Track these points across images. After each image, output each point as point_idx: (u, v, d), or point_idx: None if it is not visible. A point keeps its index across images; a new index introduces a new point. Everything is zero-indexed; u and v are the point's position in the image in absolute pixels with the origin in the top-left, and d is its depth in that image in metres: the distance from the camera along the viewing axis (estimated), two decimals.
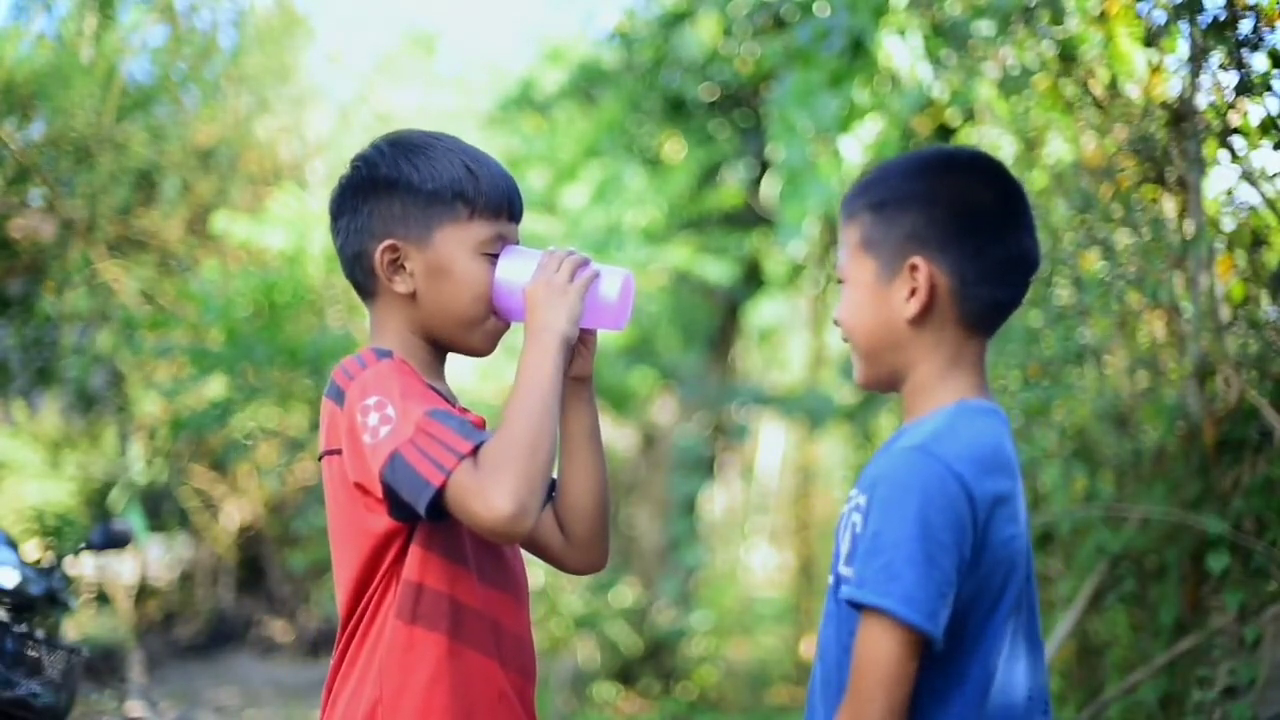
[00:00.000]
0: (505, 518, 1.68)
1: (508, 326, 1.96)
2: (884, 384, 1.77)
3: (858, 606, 1.60)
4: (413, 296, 1.90)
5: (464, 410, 1.94)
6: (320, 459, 1.88)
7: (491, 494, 1.69)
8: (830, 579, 1.71)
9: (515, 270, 1.90)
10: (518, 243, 1.96)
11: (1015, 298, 1.74)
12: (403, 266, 1.89)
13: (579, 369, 1.98)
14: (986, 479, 1.62)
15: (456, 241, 1.89)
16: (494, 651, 1.86)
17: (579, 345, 1.96)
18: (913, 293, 1.69)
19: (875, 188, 1.75)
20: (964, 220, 1.70)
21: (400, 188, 1.89)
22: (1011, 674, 1.66)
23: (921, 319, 1.70)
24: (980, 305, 1.71)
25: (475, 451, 1.72)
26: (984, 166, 1.78)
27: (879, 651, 1.56)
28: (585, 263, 1.89)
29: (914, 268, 1.69)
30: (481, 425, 1.87)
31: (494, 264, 1.90)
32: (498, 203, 1.91)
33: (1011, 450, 1.70)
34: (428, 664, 1.81)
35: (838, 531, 1.70)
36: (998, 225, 1.72)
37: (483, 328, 1.92)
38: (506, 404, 1.79)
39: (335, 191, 1.96)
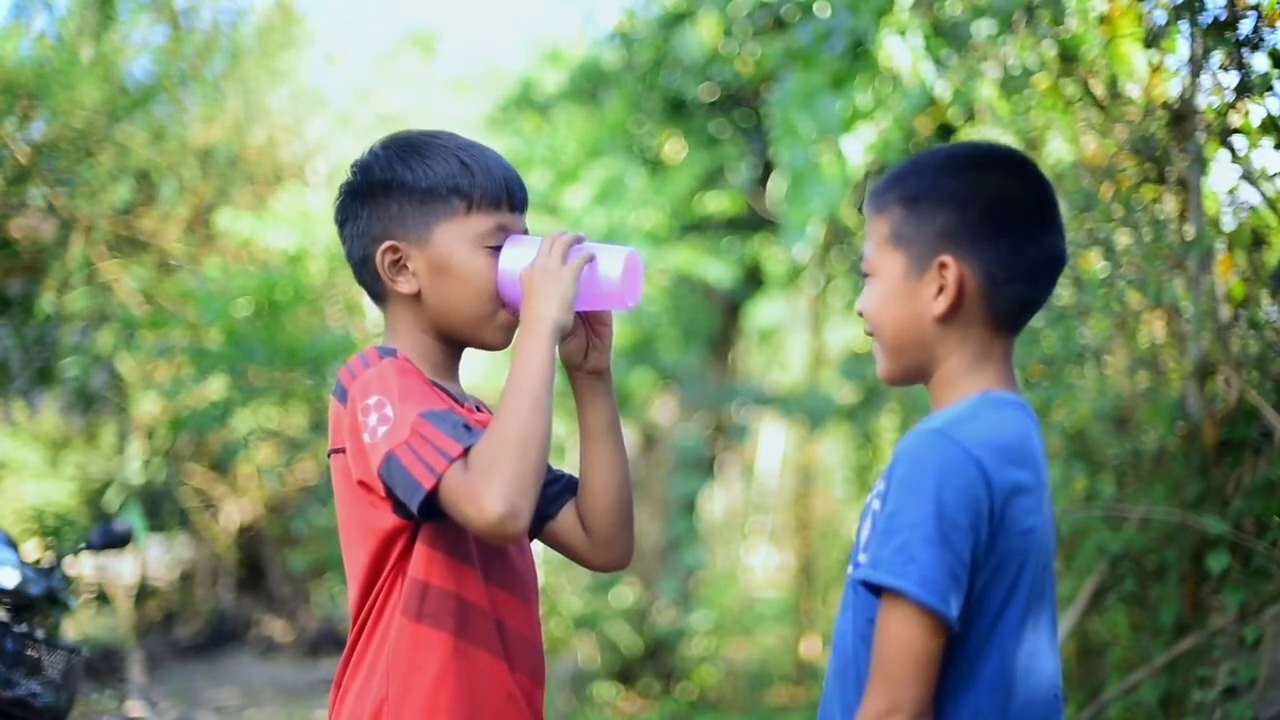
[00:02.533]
0: (495, 520, 1.68)
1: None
2: (909, 378, 1.76)
3: (873, 588, 1.60)
4: (418, 296, 1.90)
5: (475, 409, 1.94)
6: (329, 456, 1.89)
7: (481, 497, 1.69)
8: (849, 569, 1.70)
9: (516, 259, 1.88)
10: (525, 232, 1.95)
11: (1043, 296, 1.74)
12: (405, 267, 1.89)
13: (595, 362, 1.96)
14: (1006, 467, 1.61)
15: (456, 237, 1.88)
16: (501, 652, 1.86)
17: (593, 337, 1.95)
18: (941, 290, 1.68)
19: (908, 182, 1.73)
20: (999, 219, 1.69)
21: (396, 189, 1.89)
22: (1036, 670, 1.66)
23: (949, 316, 1.69)
24: (1009, 304, 1.70)
25: (466, 453, 1.72)
26: (1018, 164, 1.76)
27: (901, 635, 1.56)
28: (579, 240, 1.87)
29: (943, 266, 1.68)
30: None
31: (498, 256, 1.89)
32: (495, 194, 1.90)
33: (1037, 444, 1.69)
34: (434, 663, 1.81)
35: (860, 521, 1.70)
36: (1032, 224, 1.71)
37: (493, 322, 1.91)
38: (504, 395, 1.78)
39: (337, 199, 1.97)
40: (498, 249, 1.89)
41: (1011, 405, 1.69)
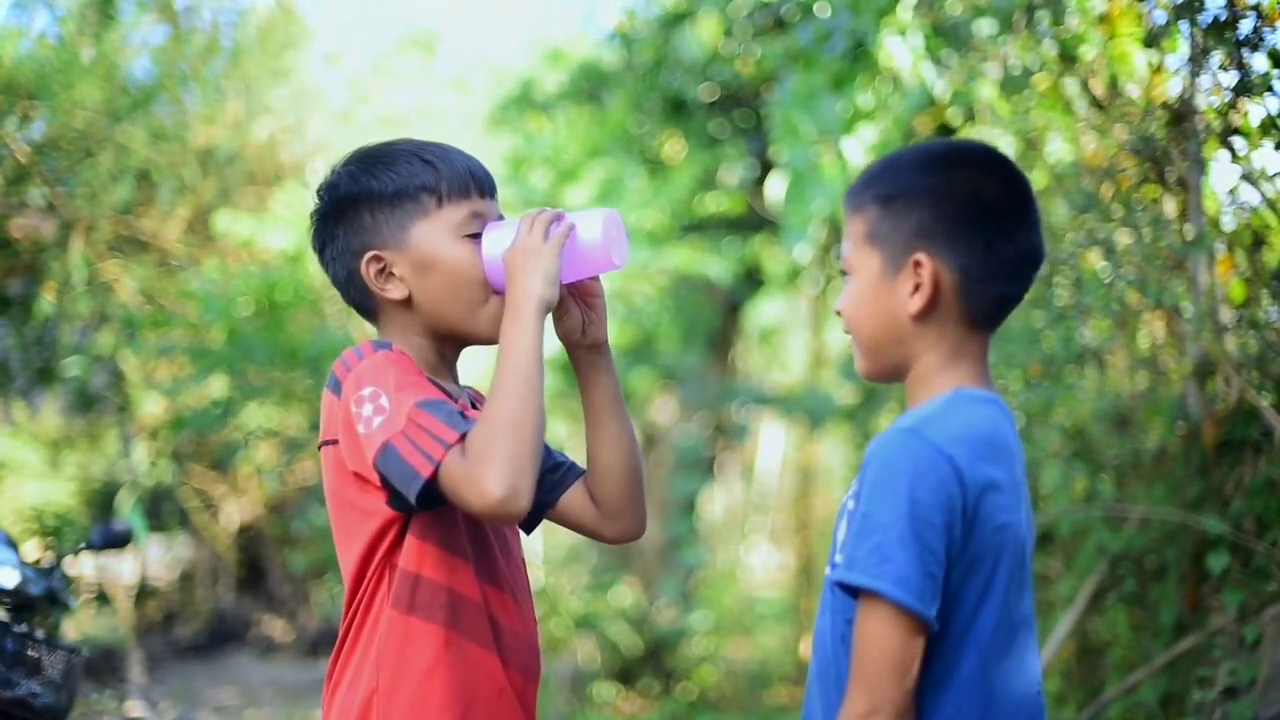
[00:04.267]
0: (496, 501, 1.69)
1: None
2: (886, 376, 1.76)
3: (849, 589, 1.60)
4: (409, 301, 1.90)
5: (470, 405, 1.94)
6: (320, 449, 1.89)
7: (481, 480, 1.69)
8: (828, 570, 1.70)
9: (498, 242, 1.88)
10: (500, 218, 1.95)
11: (1020, 293, 1.73)
12: (391, 273, 1.89)
13: (593, 335, 1.97)
14: (979, 464, 1.61)
15: (432, 231, 1.88)
16: (494, 646, 1.86)
17: (587, 311, 1.96)
18: (916, 288, 1.68)
19: (883, 180, 1.74)
20: (974, 217, 1.69)
21: (365, 199, 1.89)
22: (1016, 667, 1.66)
23: (925, 314, 1.69)
24: (985, 301, 1.70)
25: (463, 439, 1.73)
26: (993, 162, 1.76)
27: (880, 635, 1.56)
28: (559, 217, 1.87)
29: (918, 264, 1.68)
30: None
31: (479, 244, 1.89)
32: (463, 182, 1.91)
33: (1012, 440, 1.69)
34: (425, 655, 1.81)
35: (836, 523, 1.70)
36: (1007, 222, 1.71)
37: (485, 310, 1.90)
38: (495, 379, 1.78)
39: (311, 226, 1.97)
40: (477, 236, 1.90)
41: (985, 401, 1.69)
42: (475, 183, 1.92)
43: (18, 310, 7.79)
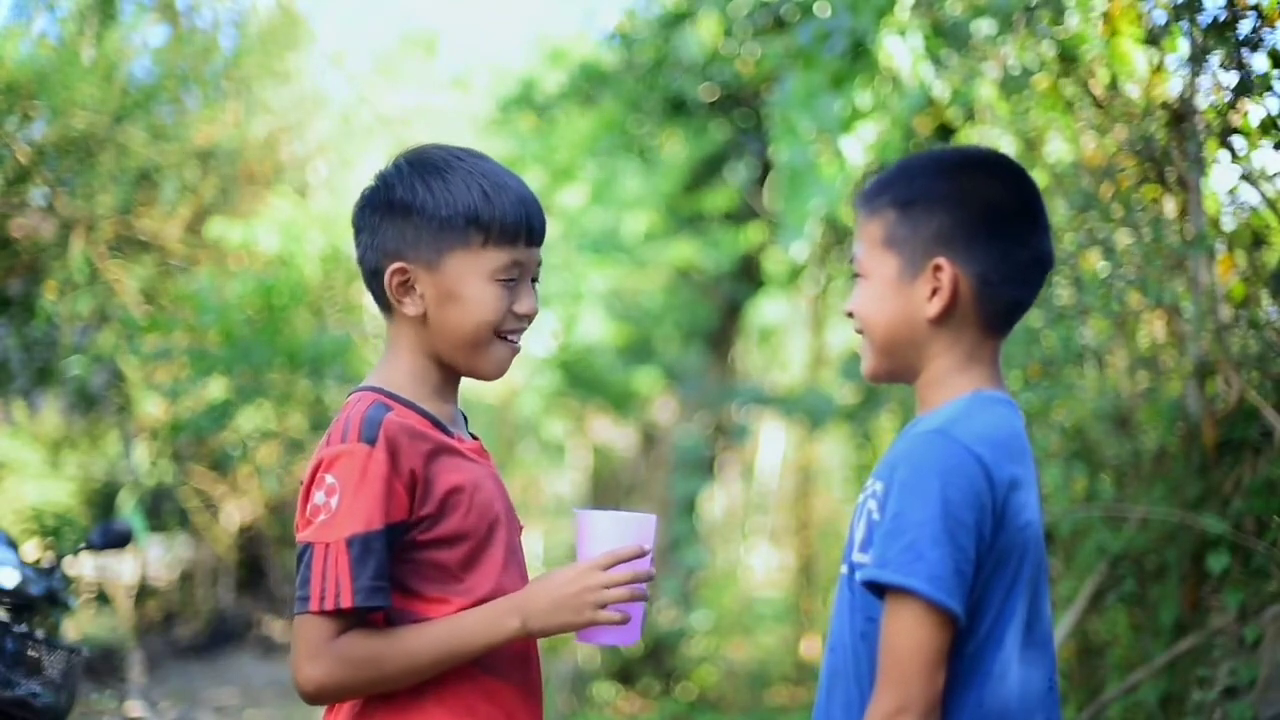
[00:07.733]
0: (302, 692, 1.75)
1: (516, 352, 1.91)
2: (894, 377, 1.78)
3: (878, 589, 1.61)
4: (423, 318, 1.87)
5: (470, 438, 1.92)
6: None
7: (311, 667, 1.73)
8: (843, 569, 1.71)
9: (607, 535, 1.84)
10: (539, 264, 1.91)
11: (1031, 298, 1.76)
12: (413, 288, 1.86)
13: None
14: (1005, 463, 1.63)
15: (468, 268, 1.84)
16: (497, 667, 1.85)
17: None
18: (934, 292, 1.70)
19: (900, 185, 1.75)
20: (991, 222, 1.71)
21: (414, 211, 1.85)
22: (1035, 662, 1.68)
23: (942, 318, 1.71)
24: (1001, 305, 1.73)
25: (349, 612, 1.73)
26: (1006, 168, 1.79)
27: (913, 633, 1.57)
28: (641, 598, 1.88)
29: (938, 268, 1.70)
30: (479, 452, 1.89)
31: (507, 289, 1.86)
32: (514, 229, 1.86)
33: (1026, 440, 1.72)
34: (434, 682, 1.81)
35: (852, 522, 1.71)
36: (1021, 227, 1.73)
37: (489, 352, 1.88)
38: (428, 629, 1.77)
39: (356, 205, 1.93)
40: (509, 281, 1.86)
41: (1002, 403, 1.72)
42: (525, 232, 1.87)
43: (18, 310, 7.78)
